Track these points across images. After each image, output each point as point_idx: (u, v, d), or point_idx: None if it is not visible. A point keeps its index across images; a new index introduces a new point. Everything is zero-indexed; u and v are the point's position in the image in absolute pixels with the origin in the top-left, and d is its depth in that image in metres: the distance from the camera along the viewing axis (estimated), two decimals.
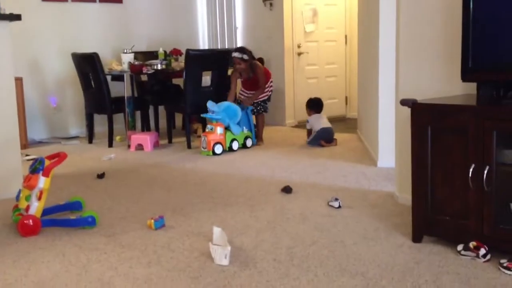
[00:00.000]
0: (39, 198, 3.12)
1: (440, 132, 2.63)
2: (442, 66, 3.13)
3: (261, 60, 6.28)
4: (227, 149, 5.35)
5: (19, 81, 5.52)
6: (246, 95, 6.00)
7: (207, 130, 5.37)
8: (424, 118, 2.67)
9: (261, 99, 5.91)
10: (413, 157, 2.74)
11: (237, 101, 5.94)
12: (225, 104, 5.46)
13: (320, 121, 5.67)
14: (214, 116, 5.32)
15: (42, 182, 3.13)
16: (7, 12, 3.92)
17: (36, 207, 3.11)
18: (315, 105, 5.92)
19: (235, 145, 5.42)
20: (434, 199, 2.69)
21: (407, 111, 2.79)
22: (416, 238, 2.78)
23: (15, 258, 2.74)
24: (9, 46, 3.88)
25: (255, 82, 5.91)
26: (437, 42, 3.15)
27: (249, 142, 5.58)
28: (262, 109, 5.94)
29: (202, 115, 5.49)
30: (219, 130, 5.29)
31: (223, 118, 5.33)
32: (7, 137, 3.90)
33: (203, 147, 5.29)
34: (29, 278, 2.50)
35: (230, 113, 5.40)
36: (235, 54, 5.77)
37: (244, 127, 5.59)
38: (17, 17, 3.90)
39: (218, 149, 5.26)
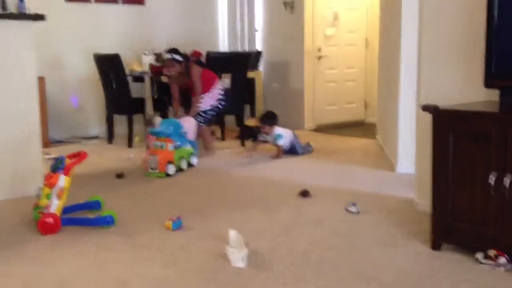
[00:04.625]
0: (59, 197, 3.16)
1: (462, 138, 2.60)
2: (465, 71, 3.10)
3: (199, 62, 5.52)
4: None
5: (41, 80, 5.59)
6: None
7: (154, 147, 4.59)
8: (446, 124, 2.64)
9: (201, 109, 5.15)
10: (433, 163, 2.71)
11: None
12: (166, 121, 4.88)
13: (287, 135, 5.34)
14: (164, 130, 4.63)
15: (63, 180, 3.17)
16: (32, 12, 3.98)
17: (56, 205, 3.14)
18: (273, 118, 5.33)
19: (183, 163, 4.67)
20: (454, 206, 2.65)
21: (428, 116, 2.77)
22: (435, 245, 2.74)
23: (35, 255, 2.78)
24: (33, 45, 3.94)
25: (191, 87, 5.23)
26: (459, 47, 3.11)
27: (194, 160, 4.83)
28: (201, 121, 5.17)
29: (150, 130, 4.75)
30: (171, 146, 4.56)
31: (173, 133, 4.66)
32: (29, 136, 3.95)
33: (151, 168, 4.46)
34: (48, 275, 2.52)
35: (176, 129, 4.73)
36: (166, 56, 5.18)
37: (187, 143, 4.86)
38: (41, 17, 3.95)
39: (171, 169, 4.48)
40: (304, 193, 3.82)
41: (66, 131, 6.69)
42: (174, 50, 5.19)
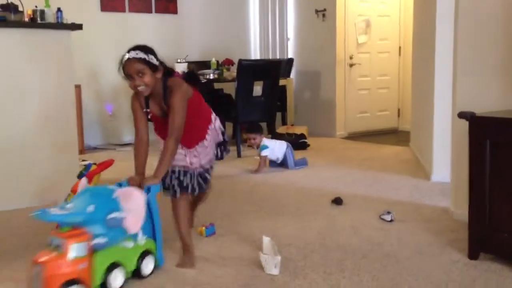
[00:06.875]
0: None
1: (500, 146, 2.55)
2: (502, 77, 3.04)
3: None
4: None
5: (78, 88, 5.72)
6: None
7: (50, 245, 2.27)
8: (483, 132, 2.60)
9: (198, 168, 2.79)
10: (470, 172, 2.66)
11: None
12: (89, 190, 2.54)
13: (279, 147, 5.11)
14: (66, 217, 2.29)
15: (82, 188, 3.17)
16: (69, 21, 4.08)
17: None
18: (259, 128, 5.20)
19: (117, 279, 2.39)
20: (492, 215, 2.60)
21: (464, 124, 2.72)
22: (472, 255, 2.69)
23: None
24: (70, 54, 4.03)
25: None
26: (496, 52, 3.06)
27: (148, 265, 2.58)
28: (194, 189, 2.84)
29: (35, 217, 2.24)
30: (78, 250, 2.22)
31: (94, 217, 2.33)
32: (66, 143, 4.04)
33: None
34: None
35: (102, 206, 2.38)
36: (129, 54, 2.78)
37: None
38: (79, 27, 4.05)
39: None
40: (337, 201, 3.79)
41: (100, 138, 6.82)
42: (146, 48, 2.84)
